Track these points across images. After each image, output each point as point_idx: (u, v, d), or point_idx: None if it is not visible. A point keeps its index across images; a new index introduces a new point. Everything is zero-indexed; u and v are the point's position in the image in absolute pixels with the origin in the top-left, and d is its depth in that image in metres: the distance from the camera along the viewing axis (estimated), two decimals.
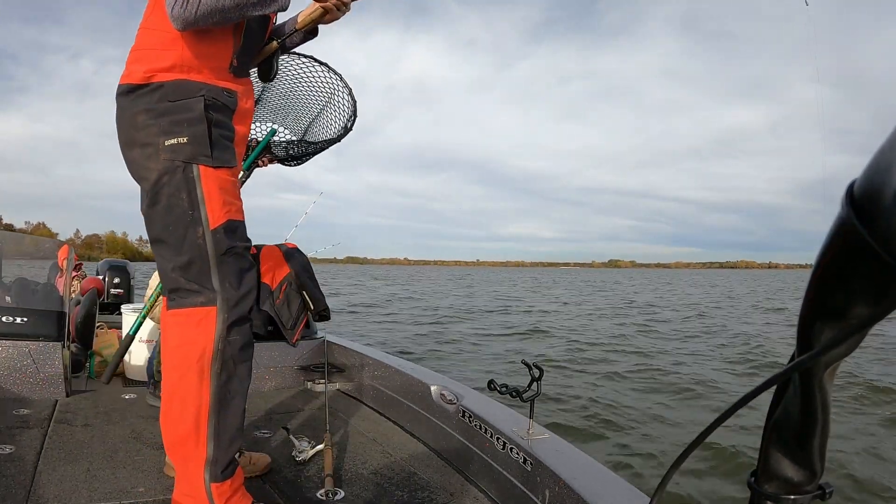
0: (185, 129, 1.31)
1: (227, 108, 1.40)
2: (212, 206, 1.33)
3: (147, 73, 1.33)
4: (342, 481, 1.71)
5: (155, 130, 1.31)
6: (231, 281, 1.34)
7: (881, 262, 0.31)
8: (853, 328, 0.35)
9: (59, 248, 3.33)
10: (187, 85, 1.34)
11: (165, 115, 1.32)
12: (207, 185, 1.33)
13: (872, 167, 0.31)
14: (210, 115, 1.34)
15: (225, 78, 1.41)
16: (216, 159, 1.34)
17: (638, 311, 17.09)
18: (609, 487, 1.32)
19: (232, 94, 1.41)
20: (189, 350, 1.31)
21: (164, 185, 1.32)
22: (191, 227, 1.32)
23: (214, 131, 1.34)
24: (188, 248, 1.32)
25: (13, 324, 2.34)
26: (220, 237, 1.34)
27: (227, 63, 1.41)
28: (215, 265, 1.33)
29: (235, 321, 1.34)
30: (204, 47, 1.36)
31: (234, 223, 1.38)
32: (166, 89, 1.33)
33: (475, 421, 1.81)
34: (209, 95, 1.35)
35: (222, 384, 1.33)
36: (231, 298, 1.33)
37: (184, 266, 1.32)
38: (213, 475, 1.32)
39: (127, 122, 1.35)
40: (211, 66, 1.38)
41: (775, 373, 0.40)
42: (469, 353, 8.62)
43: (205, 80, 1.36)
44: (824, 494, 0.46)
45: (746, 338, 10.69)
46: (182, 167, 1.31)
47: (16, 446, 1.75)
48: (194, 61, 1.35)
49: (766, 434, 0.47)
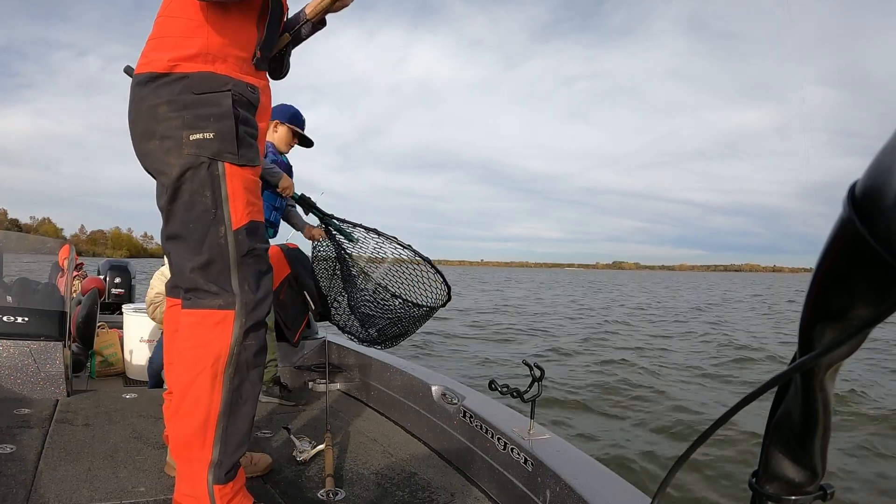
0: (211, 123, 1.27)
1: (252, 104, 1.36)
2: (235, 205, 1.30)
3: (171, 62, 1.28)
4: (343, 481, 1.71)
5: (178, 123, 1.27)
6: (250, 284, 1.31)
7: (883, 263, 0.31)
8: (855, 329, 0.35)
9: (61, 247, 3.33)
10: (214, 78, 1.29)
11: (190, 107, 1.27)
12: (232, 184, 1.29)
13: (874, 168, 0.31)
14: (237, 111, 1.30)
15: (248, 71, 1.37)
16: (242, 157, 1.30)
17: (639, 311, 17.07)
18: (610, 488, 1.32)
19: (255, 89, 1.37)
20: (204, 352, 1.28)
21: (186, 180, 1.27)
22: (213, 225, 1.28)
23: (241, 128, 1.31)
24: (209, 248, 1.28)
25: (14, 323, 2.34)
26: (242, 238, 1.30)
27: (251, 54, 1.37)
28: (235, 267, 1.29)
29: (252, 326, 1.31)
30: (229, 36, 1.32)
31: (256, 224, 1.35)
32: (191, 80, 1.28)
33: (476, 421, 1.81)
34: (236, 90, 1.31)
35: (235, 388, 1.30)
36: (249, 302, 1.30)
37: (203, 266, 1.29)
38: (217, 477, 1.31)
39: (146, 112, 1.30)
40: (236, 56, 1.34)
41: (777, 374, 0.40)
42: (470, 353, 8.62)
43: (230, 72, 1.32)
44: (825, 495, 0.46)
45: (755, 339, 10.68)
46: (207, 163, 1.27)
47: (17, 446, 1.75)
48: (220, 50, 1.31)
49: (767, 435, 0.47)
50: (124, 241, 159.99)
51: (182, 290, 1.35)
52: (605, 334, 11.16)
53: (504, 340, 10.13)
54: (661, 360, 8.24)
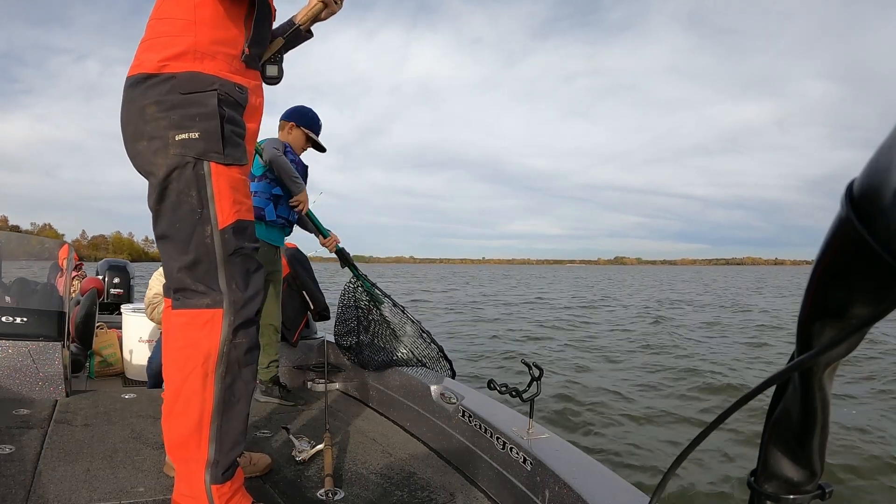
0: (196, 123, 1.28)
1: (239, 104, 1.37)
2: (221, 204, 1.30)
3: (160, 62, 1.29)
4: (342, 481, 1.71)
5: (165, 124, 1.28)
6: (238, 282, 1.32)
7: (881, 261, 0.31)
8: (853, 328, 0.35)
9: (60, 247, 3.33)
10: (200, 78, 1.30)
11: (176, 108, 1.28)
12: (218, 183, 1.30)
13: (872, 166, 0.31)
14: (223, 110, 1.31)
15: (237, 69, 1.38)
16: (228, 156, 1.31)
17: (640, 311, 17.09)
18: (609, 487, 1.32)
19: (243, 89, 1.38)
20: (194, 352, 1.29)
21: (172, 180, 1.29)
22: (198, 225, 1.29)
23: (227, 127, 1.32)
24: (195, 247, 1.29)
25: (13, 324, 2.34)
26: (229, 237, 1.31)
27: (240, 51, 1.38)
28: (222, 266, 1.30)
29: (242, 324, 1.32)
30: (218, 33, 1.34)
31: (244, 223, 1.36)
32: (178, 80, 1.29)
33: (475, 421, 1.81)
34: (222, 90, 1.32)
35: (226, 387, 1.31)
36: (238, 301, 1.31)
37: (190, 265, 1.30)
38: (214, 477, 1.31)
39: (135, 113, 1.32)
40: (225, 53, 1.35)
41: (775, 372, 0.40)
42: (469, 353, 8.62)
43: (217, 70, 1.33)
44: (824, 494, 0.46)
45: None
46: (192, 163, 1.28)
47: (16, 446, 1.75)
48: (208, 47, 1.32)
49: (765, 433, 0.47)
50: (125, 246, 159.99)
51: (171, 291, 1.36)
52: (605, 334, 11.17)
53: (504, 340, 10.14)
54: (661, 360, 8.25)
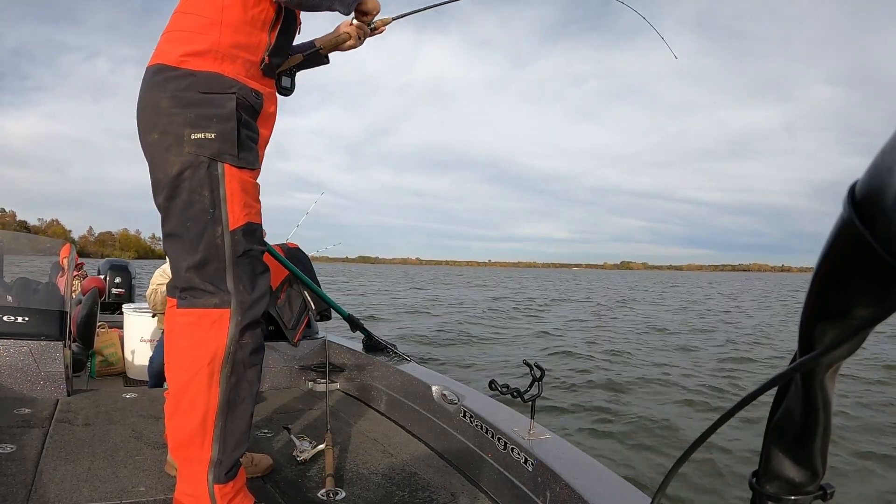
0: (213, 124, 1.29)
1: (255, 109, 1.39)
2: (233, 206, 1.31)
3: (181, 56, 1.30)
4: (343, 481, 1.71)
5: (179, 120, 1.28)
6: (245, 284, 1.33)
7: (883, 263, 0.31)
8: (855, 329, 0.35)
9: (61, 247, 3.33)
10: (220, 80, 1.31)
11: (193, 106, 1.29)
12: (231, 185, 1.31)
13: (874, 168, 0.32)
14: (240, 114, 1.32)
15: (255, 75, 1.39)
16: (242, 159, 1.32)
17: (641, 311, 17.07)
18: (610, 488, 1.32)
19: (259, 95, 1.40)
20: (200, 351, 1.29)
21: (185, 179, 1.29)
22: (210, 225, 1.29)
23: (242, 131, 1.33)
24: (205, 247, 1.30)
25: (14, 323, 2.34)
26: (239, 238, 1.32)
27: (260, 58, 1.39)
28: (231, 267, 1.31)
29: (248, 325, 1.32)
30: (241, 37, 1.34)
31: (253, 226, 1.37)
32: (198, 79, 1.30)
33: (476, 421, 1.81)
34: (240, 94, 1.33)
35: (231, 387, 1.31)
36: (245, 301, 1.32)
37: (198, 265, 1.30)
38: (217, 477, 1.31)
39: (150, 103, 1.32)
40: (245, 59, 1.36)
41: (777, 373, 0.40)
42: (468, 352, 8.62)
43: (236, 74, 1.34)
44: (825, 495, 0.46)
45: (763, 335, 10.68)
46: (207, 163, 1.29)
47: (17, 445, 1.75)
48: (230, 50, 1.33)
49: (767, 434, 0.47)
50: (132, 243, 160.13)
51: (178, 290, 1.36)
52: (608, 335, 11.16)
53: (504, 339, 10.13)
54: (663, 359, 8.24)
